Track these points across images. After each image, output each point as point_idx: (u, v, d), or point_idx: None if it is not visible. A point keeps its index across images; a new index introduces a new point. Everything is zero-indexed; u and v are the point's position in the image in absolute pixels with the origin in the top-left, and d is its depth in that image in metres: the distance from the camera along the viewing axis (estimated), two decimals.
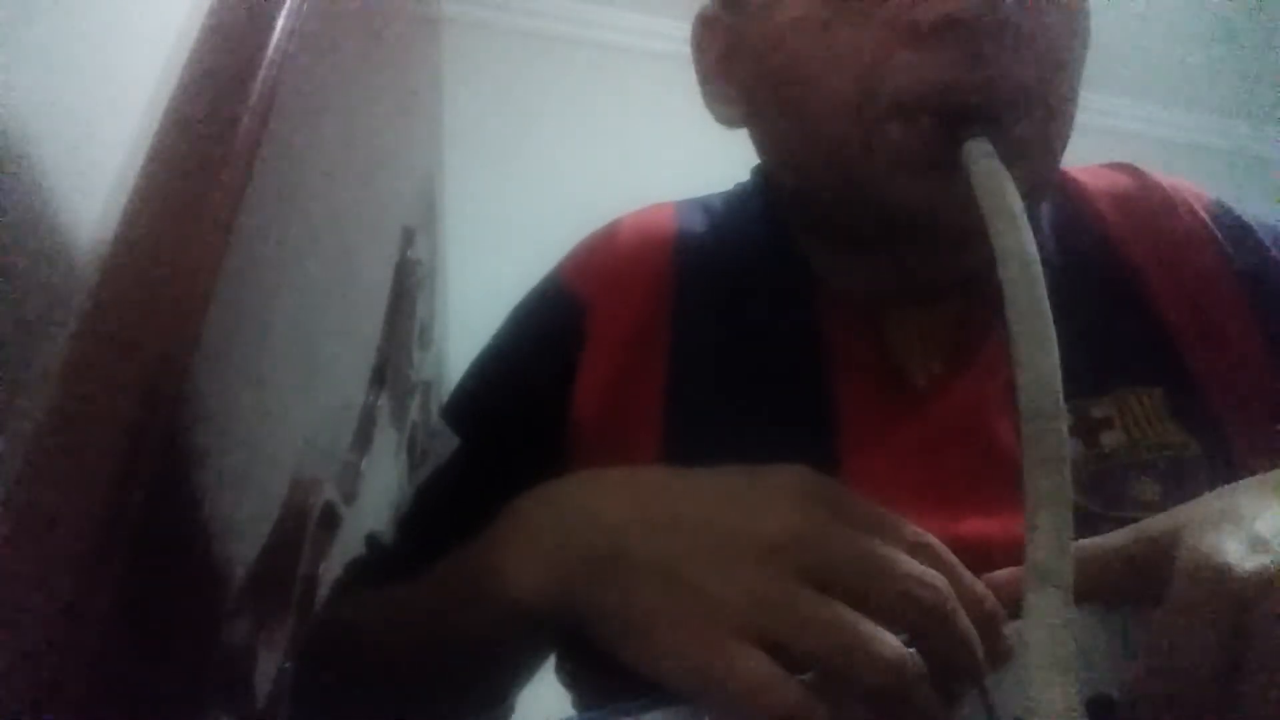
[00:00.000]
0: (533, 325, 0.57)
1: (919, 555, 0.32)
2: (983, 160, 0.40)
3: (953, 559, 0.33)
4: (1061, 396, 0.33)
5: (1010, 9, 0.41)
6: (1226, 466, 0.45)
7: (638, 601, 0.33)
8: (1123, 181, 0.56)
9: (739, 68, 0.52)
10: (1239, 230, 0.53)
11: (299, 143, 0.49)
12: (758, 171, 0.59)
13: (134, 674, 0.32)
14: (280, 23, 0.45)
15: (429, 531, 0.53)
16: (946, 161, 0.41)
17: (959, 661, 0.31)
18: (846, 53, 0.43)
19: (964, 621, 0.31)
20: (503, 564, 0.38)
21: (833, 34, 0.44)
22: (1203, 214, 0.53)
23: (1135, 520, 0.41)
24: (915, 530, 0.34)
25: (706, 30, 0.55)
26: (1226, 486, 0.36)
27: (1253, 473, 0.37)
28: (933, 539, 0.34)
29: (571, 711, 0.54)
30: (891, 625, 0.31)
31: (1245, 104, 2.22)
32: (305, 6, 0.47)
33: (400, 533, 0.55)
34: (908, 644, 0.31)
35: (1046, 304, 0.35)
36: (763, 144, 0.53)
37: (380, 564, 0.53)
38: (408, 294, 0.83)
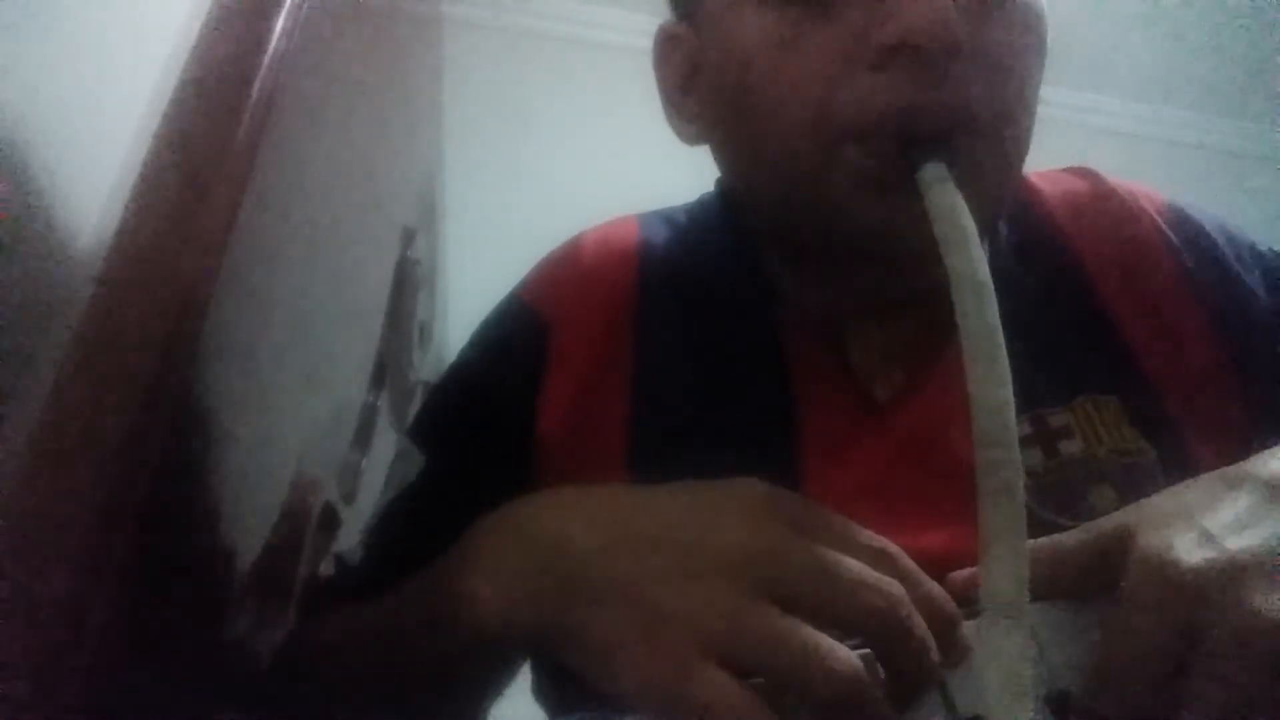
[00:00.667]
0: (495, 344, 0.57)
1: (876, 562, 0.33)
2: (937, 185, 0.40)
3: (909, 564, 0.33)
4: (1014, 423, 0.33)
5: (965, 32, 0.41)
6: (1183, 471, 0.45)
7: (599, 623, 0.33)
8: (1079, 187, 0.56)
9: (700, 85, 0.52)
10: (1192, 234, 0.53)
11: (299, 143, 0.49)
12: (720, 184, 0.59)
13: (134, 673, 0.32)
14: (280, 22, 0.45)
15: (395, 550, 0.52)
16: (902, 184, 0.41)
17: (915, 666, 0.31)
18: (804, 74, 0.44)
19: (919, 627, 0.31)
20: (466, 588, 0.38)
21: (790, 55, 0.44)
22: (1158, 219, 0.53)
23: None
24: (871, 537, 0.34)
25: (668, 46, 0.55)
26: (1179, 484, 0.37)
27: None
28: (889, 545, 0.34)
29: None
30: (849, 633, 0.31)
31: (1245, 104, 2.23)
32: (305, 6, 0.47)
33: (366, 552, 0.55)
34: (867, 649, 0.31)
35: (999, 330, 0.35)
36: (723, 162, 0.53)
37: (347, 583, 0.53)
38: (408, 294, 0.83)
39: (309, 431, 0.56)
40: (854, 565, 0.32)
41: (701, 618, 0.31)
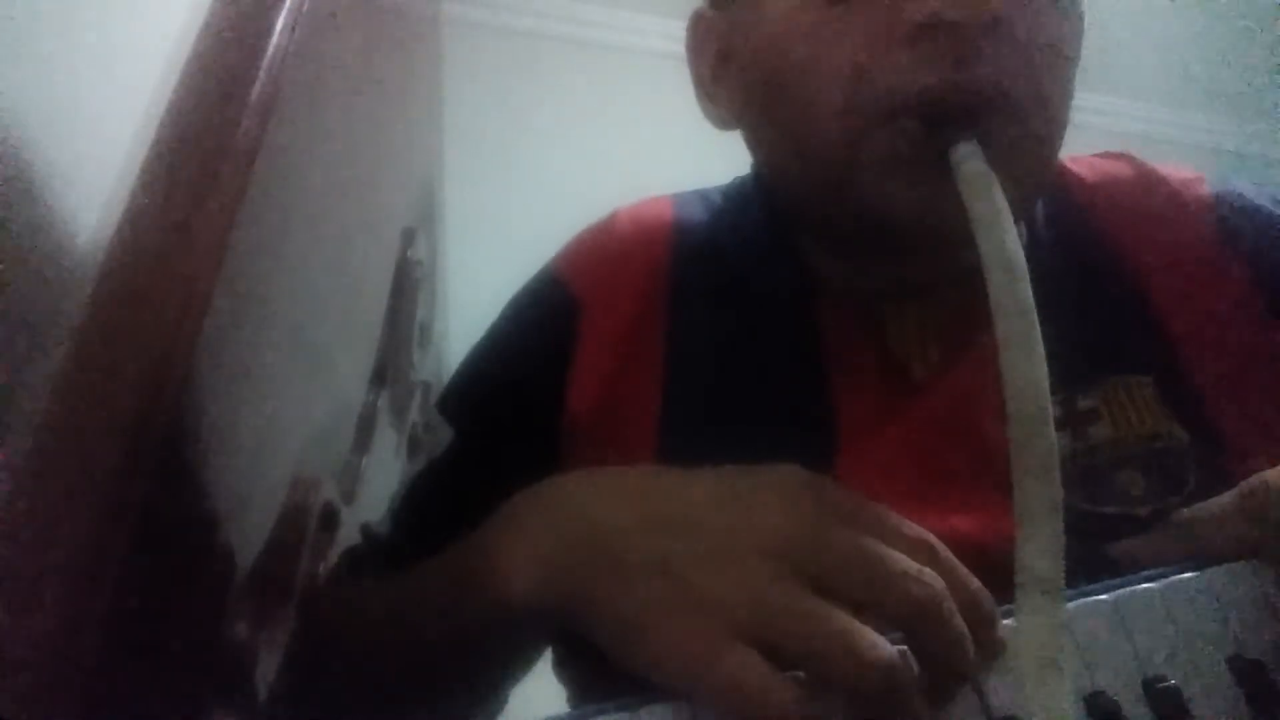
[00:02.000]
0: (527, 319, 0.57)
1: (915, 553, 0.32)
2: (970, 163, 0.40)
3: (949, 556, 0.33)
4: (1049, 403, 0.33)
5: (1000, 9, 0.41)
6: (1215, 455, 0.44)
7: (633, 601, 0.33)
8: (1120, 171, 0.56)
9: (732, 70, 0.52)
10: (1248, 215, 0.52)
11: (299, 143, 0.49)
12: (755, 168, 0.59)
13: (134, 673, 0.32)
14: (280, 23, 0.45)
15: (422, 523, 0.53)
16: (935, 165, 0.41)
17: (951, 661, 0.31)
18: (834, 56, 0.43)
19: (957, 621, 0.31)
20: (498, 562, 0.38)
21: (822, 37, 0.44)
22: (1206, 199, 0.53)
23: (1118, 514, 0.41)
24: (912, 527, 0.34)
25: (701, 31, 0.55)
26: None
27: (1244, 461, 0.38)
28: (929, 536, 0.33)
29: (566, 708, 0.54)
30: (887, 624, 0.31)
31: (1245, 104, 2.23)
32: (305, 7, 0.47)
33: (393, 523, 0.55)
34: (902, 642, 0.31)
35: (1033, 309, 0.35)
36: (755, 147, 0.53)
37: (374, 554, 0.53)
38: (408, 294, 0.83)
39: (309, 431, 0.56)
40: (895, 555, 0.31)
41: (735, 599, 0.31)
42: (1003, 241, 0.36)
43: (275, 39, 0.44)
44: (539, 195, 1.75)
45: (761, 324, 0.53)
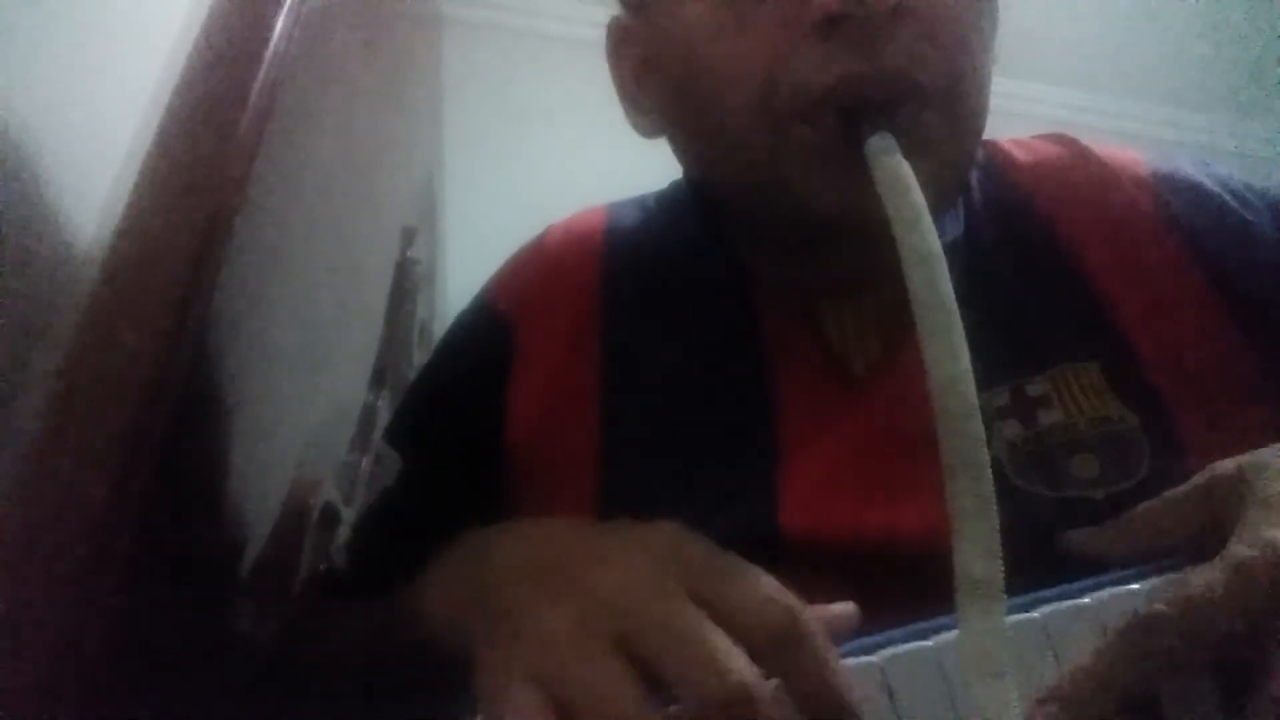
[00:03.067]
0: (463, 345, 0.57)
1: (769, 626, 0.31)
2: (884, 155, 0.39)
3: (801, 630, 0.31)
4: (974, 397, 0.33)
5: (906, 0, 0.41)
6: (1166, 437, 0.44)
7: (484, 636, 0.34)
8: (1055, 152, 0.55)
9: (653, 76, 0.51)
10: (1188, 190, 0.51)
11: (299, 143, 0.49)
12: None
13: (136, 672, 0.32)
14: (280, 23, 0.45)
15: (375, 553, 0.53)
16: (851, 159, 0.41)
17: None
18: (746, 56, 0.43)
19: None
20: (424, 594, 0.40)
21: (732, 38, 0.44)
22: (1145, 178, 0.52)
23: (1074, 499, 0.41)
24: (777, 599, 0.32)
25: (620, 39, 0.55)
26: None
27: (1197, 443, 0.37)
28: (793, 607, 0.32)
29: None
30: (684, 703, 0.30)
31: (1245, 104, 2.22)
32: (304, 7, 0.47)
33: (350, 554, 0.55)
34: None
35: (952, 302, 0.34)
36: (679, 151, 0.53)
37: (335, 584, 0.54)
38: (408, 294, 0.83)
39: (309, 431, 0.56)
40: (707, 642, 0.30)
41: (541, 645, 0.31)
42: (919, 234, 0.36)
43: (275, 39, 0.44)
44: (538, 195, 1.74)
45: (699, 326, 0.52)
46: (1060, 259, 0.50)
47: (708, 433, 0.48)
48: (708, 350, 0.51)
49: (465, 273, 1.44)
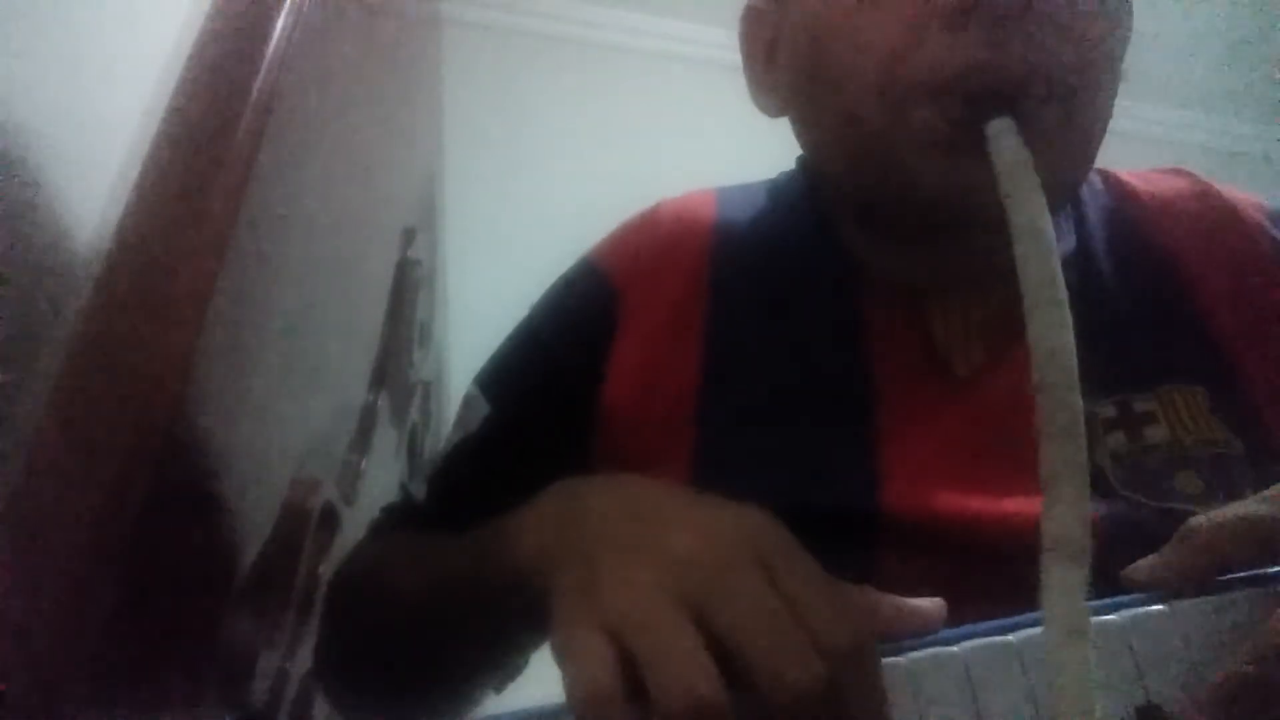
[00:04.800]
0: (568, 306, 0.58)
1: (830, 634, 0.31)
2: (1004, 138, 0.40)
3: (864, 650, 0.31)
4: (1075, 368, 0.33)
5: None
6: (1271, 465, 0.45)
7: (565, 577, 0.34)
8: (1178, 185, 0.56)
9: (781, 57, 0.53)
10: None
11: (299, 143, 0.49)
12: (802, 160, 0.59)
13: (135, 673, 0.32)
14: (280, 23, 0.45)
15: (455, 493, 0.55)
16: (972, 145, 0.41)
17: None
18: (874, 38, 0.44)
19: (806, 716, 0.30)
20: (512, 530, 0.40)
21: (862, 20, 0.44)
22: (1261, 218, 0.53)
23: (1180, 510, 0.41)
24: (846, 609, 0.32)
25: (753, 21, 0.56)
26: None
27: None
28: (857, 622, 0.31)
29: None
30: (750, 688, 0.30)
31: (1245, 104, 2.22)
32: (305, 7, 0.47)
33: (429, 489, 0.57)
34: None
35: (1060, 277, 0.35)
36: (800, 133, 0.54)
37: (407, 513, 0.56)
38: (408, 294, 0.83)
39: (309, 431, 0.56)
40: (787, 628, 0.31)
41: (618, 600, 0.32)
42: (1031, 212, 0.36)
43: (275, 39, 0.44)
44: (539, 195, 1.75)
45: (804, 316, 0.53)
46: (1172, 285, 0.51)
47: (806, 415, 0.49)
48: (811, 338, 0.52)
49: (465, 273, 1.45)
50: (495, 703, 0.54)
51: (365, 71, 0.67)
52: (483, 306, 0.61)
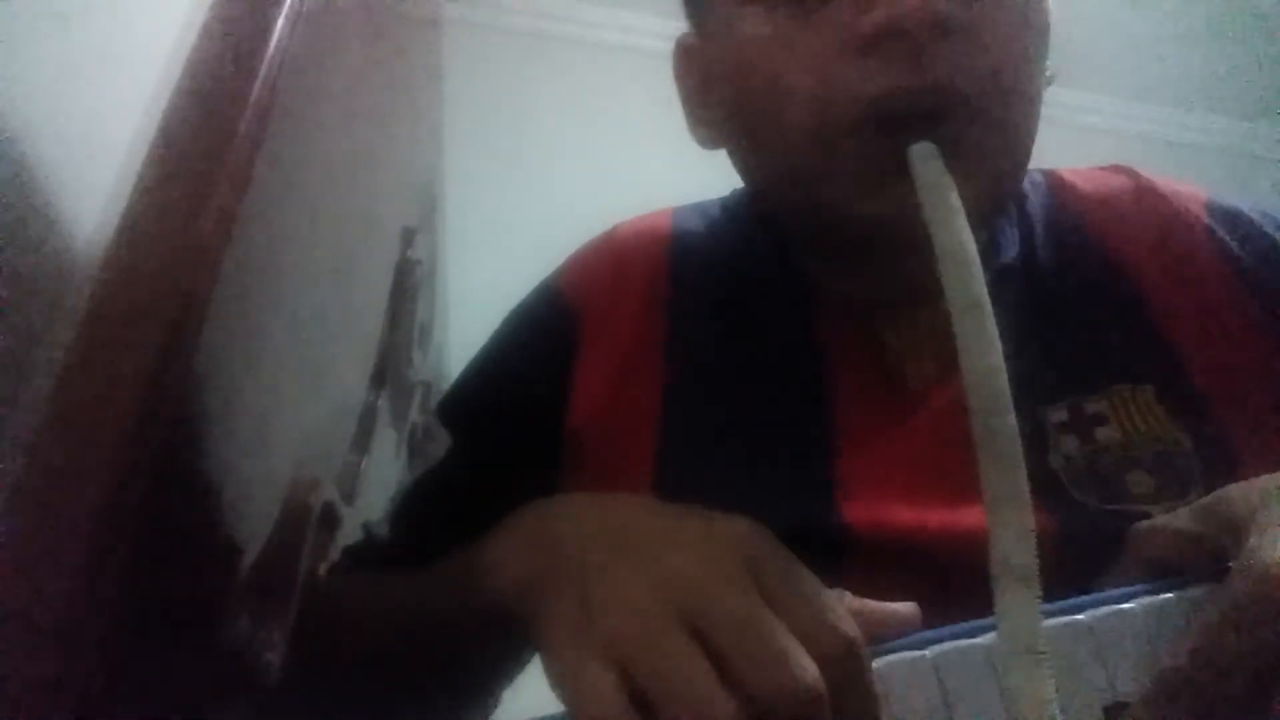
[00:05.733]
0: (528, 330, 0.58)
1: (822, 644, 0.31)
2: (926, 163, 0.41)
3: (857, 655, 0.31)
4: (1007, 392, 0.33)
5: (946, 15, 0.41)
6: (1222, 461, 0.45)
7: (551, 605, 0.34)
8: (1117, 183, 0.57)
9: (713, 93, 0.53)
10: (1241, 225, 0.53)
11: (299, 142, 0.49)
12: None
13: (136, 673, 0.32)
14: (280, 23, 0.45)
15: (419, 528, 0.54)
16: (896, 169, 0.41)
17: None
18: (798, 72, 0.44)
19: None
20: (485, 560, 0.40)
21: (785, 55, 0.45)
22: (1200, 213, 0.54)
23: (1130, 513, 0.41)
24: (839, 621, 0.32)
25: (684, 58, 0.57)
26: None
27: (1251, 466, 0.38)
28: (852, 634, 0.32)
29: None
30: (751, 698, 0.30)
31: (1245, 104, 2.22)
32: (305, 7, 0.47)
33: (392, 527, 0.56)
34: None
35: (987, 301, 0.35)
36: (738, 165, 0.54)
37: (373, 553, 0.55)
38: (408, 294, 0.83)
39: (309, 431, 0.56)
40: (784, 636, 0.31)
41: (616, 623, 0.31)
42: (952, 234, 0.37)
43: (275, 39, 0.44)
44: (539, 195, 1.75)
45: (760, 333, 0.53)
46: (1118, 285, 0.52)
47: (766, 433, 0.50)
48: (768, 355, 0.53)
49: (465, 273, 1.45)
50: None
51: (365, 71, 0.67)
52: (483, 306, 0.61)
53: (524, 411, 0.54)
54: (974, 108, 0.43)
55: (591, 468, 0.52)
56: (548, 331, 0.56)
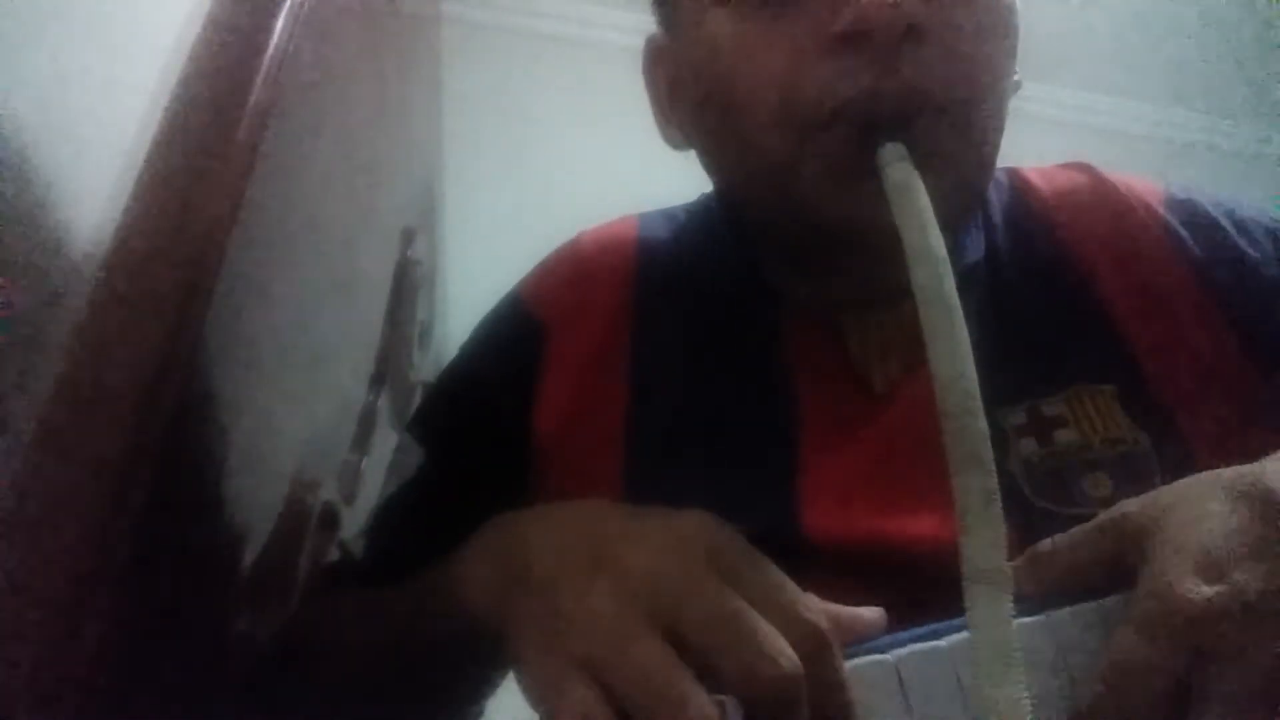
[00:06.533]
0: (493, 343, 0.58)
1: (793, 630, 0.31)
2: (895, 164, 0.41)
3: (829, 647, 0.32)
4: (977, 394, 0.33)
5: (916, 17, 0.41)
6: (1179, 459, 0.45)
7: (521, 616, 0.34)
8: (1076, 181, 0.57)
9: (683, 92, 0.53)
10: (1197, 219, 0.53)
11: (299, 143, 0.49)
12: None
13: (135, 671, 0.32)
14: (280, 23, 0.45)
15: (395, 544, 0.54)
16: (865, 170, 0.42)
17: None
18: (768, 71, 0.44)
19: (798, 710, 0.30)
20: (457, 575, 0.40)
21: (755, 54, 0.45)
22: (1159, 209, 0.53)
23: (1089, 516, 0.41)
24: (806, 608, 0.32)
25: (654, 58, 0.57)
26: (1191, 480, 0.36)
27: (1208, 465, 0.38)
28: (818, 620, 0.32)
29: None
30: (730, 690, 0.30)
31: (1245, 104, 2.22)
32: (305, 8, 0.47)
33: (368, 543, 0.56)
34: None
35: (957, 303, 0.35)
36: (706, 165, 0.54)
37: (349, 571, 0.54)
38: (408, 294, 0.83)
39: (309, 431, 0.56)
40: (757, 625, 0.31)
41: (590, 631, 0.31)
42: (923, 236, 0.37)
43: (275, 39, 0.44)
44: (539, 195, 1.75)
45: (725, 339, 0.54)
46: (1077, 284, 0.52)
47: (731, 440, 0.50)
48: (734, 361, 0.53)
49: (465, 273, 1.45)
50: None
51: (365, 71, 0.67)
52: (482, 306, 0.60)
53: (492, 423, 0.54)
54: (943, 111, 0.43)
55: (560, 478, 0.52)
56: (512, 343, 0.56)
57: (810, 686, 0.31)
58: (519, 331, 0.56)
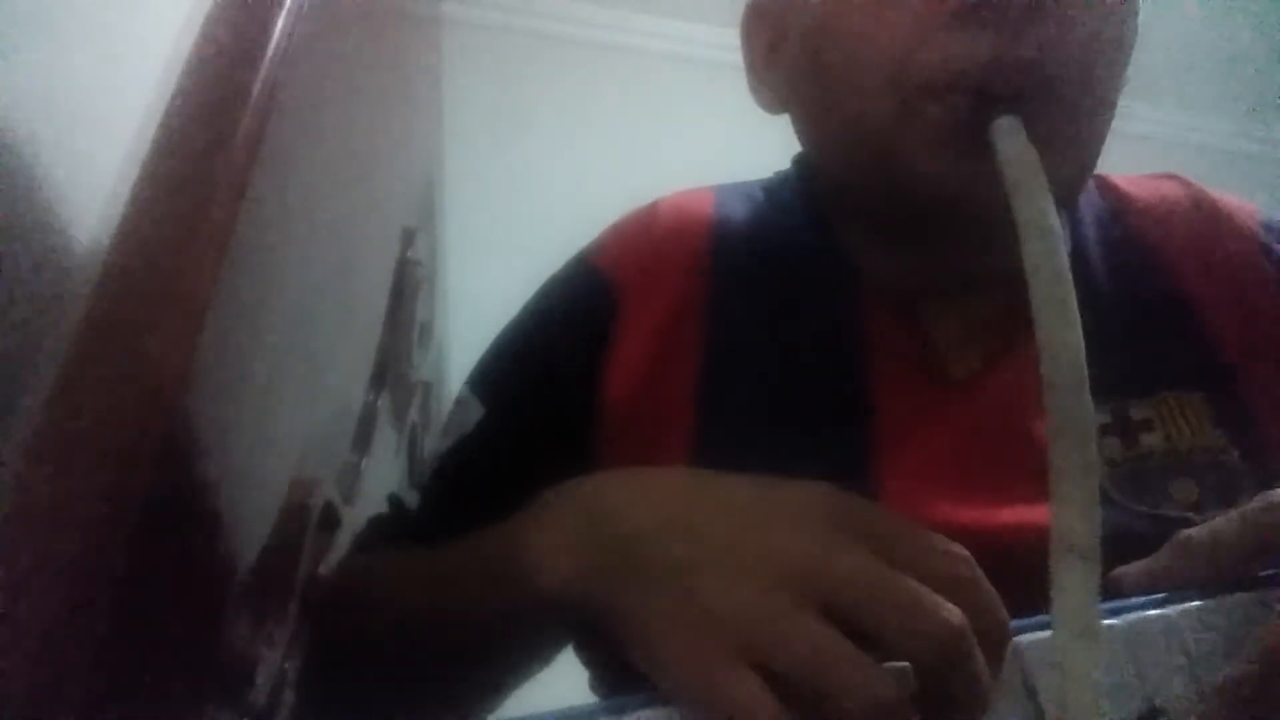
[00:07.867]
0: (565, 305, 0.57)
1: (945, 580, 0.30)
2: (1010, 137, 0.40)
3: (981, 584, 0.31)
4: (1084, 367, 0.33)
5: None
6: (1267, 472, 0.45)
7: (649, 609, 0.33)
8: (1173, 191, 0.56)
9: (783, 55, 0.52)
10: None
11: (299, 143, 0.49)
12: (798, 160, 0.59)
13: (134, 674, 0.32)
14: (280, 23, 0.45)
15: (450, 500, 0.53)
16: (977, 142, 0.41)
17: (963, 700, 0.30)
18: (882, 35, 0.44)
19: (973, 662, 0.29)
20: (528, 553, 0.38)
21: (870, 16, 0.44)
22: (1254, 225, 0.54)
23: (1173, 518, 0.41)
24: (947, 552, 0.32)
25: (755, 20, 0.56)
26: None
27: None
28: (964, 560, 0.31)
29: (585, 692, 0.54)
30: (900, 658, 0.29)
31: (1245, 104, 2.22)
32: (305, 7, 0.47)
33: (422, 497, 0.55)
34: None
35: (1069, 274, 0.34)
36: (803, 130, 0.54)
37: (400, 524, 0.54)
38: (408, 294, 0.83)
39: (309, 431, 0.56)
40: (910, 588, 0.30)
41: (743, 620, 0.30)
42: (1039, 208, 0.36)
43: (275, 39, 0.44)
44: (539, 195, 1.75)
45: (802, 317, 0.53)
46: (1168, 290, 0.52)
47: (803, 423, 0.49)
48: (808, 341, 0.52)
49: (465, 273, 1.45)
50: (512, 705, 0.53)
51: (365, 71, 0.67)
52: (483, 306, 0.60)
53: (560, 385, 0.53)
54: (1060, 93, 0.43)
55: (627, 444, 0.51)
56: (586, 307, 0.55)
57: (974, 615, 0.30)
58: (591, 293, 0.56)
